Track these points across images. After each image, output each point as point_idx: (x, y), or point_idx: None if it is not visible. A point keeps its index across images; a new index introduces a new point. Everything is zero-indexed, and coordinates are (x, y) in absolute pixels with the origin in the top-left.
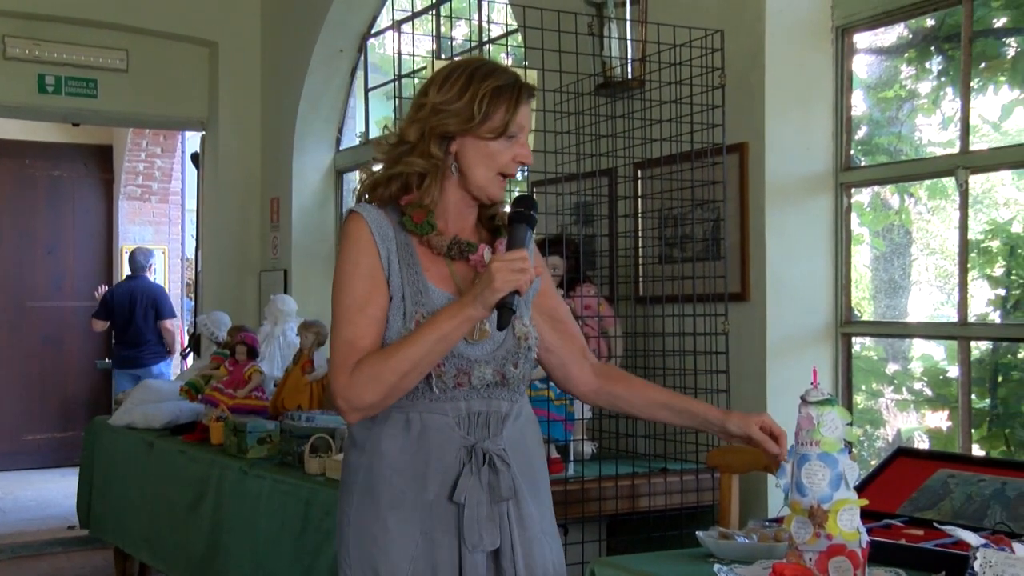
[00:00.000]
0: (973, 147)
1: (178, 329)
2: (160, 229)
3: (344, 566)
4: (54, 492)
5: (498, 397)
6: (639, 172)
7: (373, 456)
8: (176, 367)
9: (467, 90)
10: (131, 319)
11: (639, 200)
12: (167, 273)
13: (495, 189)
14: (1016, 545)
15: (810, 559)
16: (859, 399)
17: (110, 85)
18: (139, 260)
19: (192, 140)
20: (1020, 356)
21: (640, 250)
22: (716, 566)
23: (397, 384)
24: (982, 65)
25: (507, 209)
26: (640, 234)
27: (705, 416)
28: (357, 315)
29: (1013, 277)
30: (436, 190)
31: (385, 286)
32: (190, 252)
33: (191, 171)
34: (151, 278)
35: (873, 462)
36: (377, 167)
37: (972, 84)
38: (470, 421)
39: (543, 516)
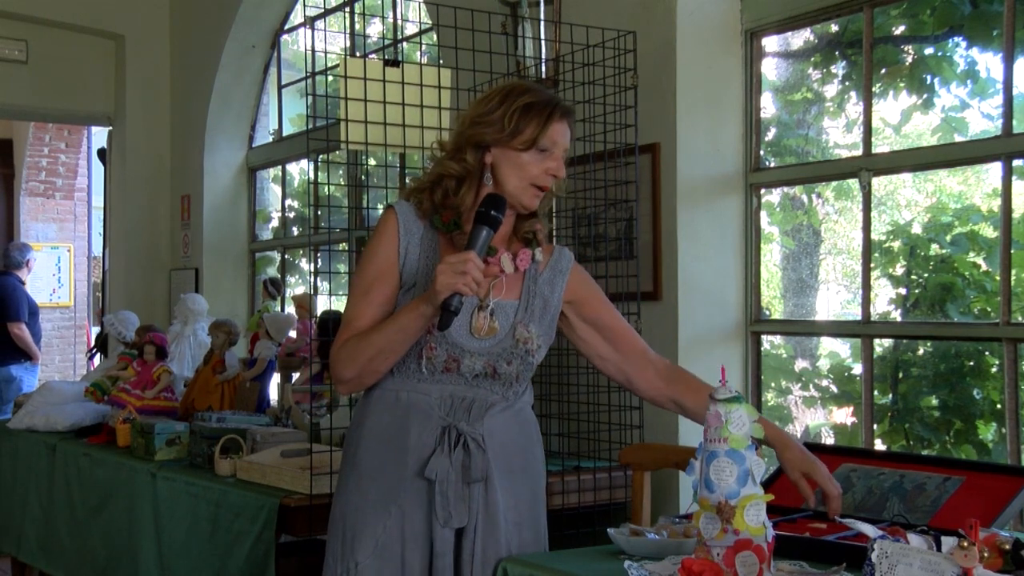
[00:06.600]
0: (876, 150)
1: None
2: (65, 227)
3: (328, 533)
4: None
5: (486, 387)
6: None
7: (361, 430)
8: (45, 372)
9: (501, 105)
10: None
11: (553, 199)
12: (73, 272)
13: (528, 198)
14: (911, 536)
15: (718, 554)
16: (768, 396)
17: (8, 77)
18: (12, 256)
19: (99, 135)
20: (919, 353)
21: None
22: (626, 563)
23: (367, 365)
24: (883, 71)
25: (541, 226)
26: (555, 233)
27: (768, 440)
28: (361, 298)
29: (913, 277)
30: (470, 196)
31: (395, 275)
32: (97, 250)
33: (98, 167)
34: (24, 276)
35: None
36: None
37: (873, 89)
38: (452, 404)
39: (515, 507)
